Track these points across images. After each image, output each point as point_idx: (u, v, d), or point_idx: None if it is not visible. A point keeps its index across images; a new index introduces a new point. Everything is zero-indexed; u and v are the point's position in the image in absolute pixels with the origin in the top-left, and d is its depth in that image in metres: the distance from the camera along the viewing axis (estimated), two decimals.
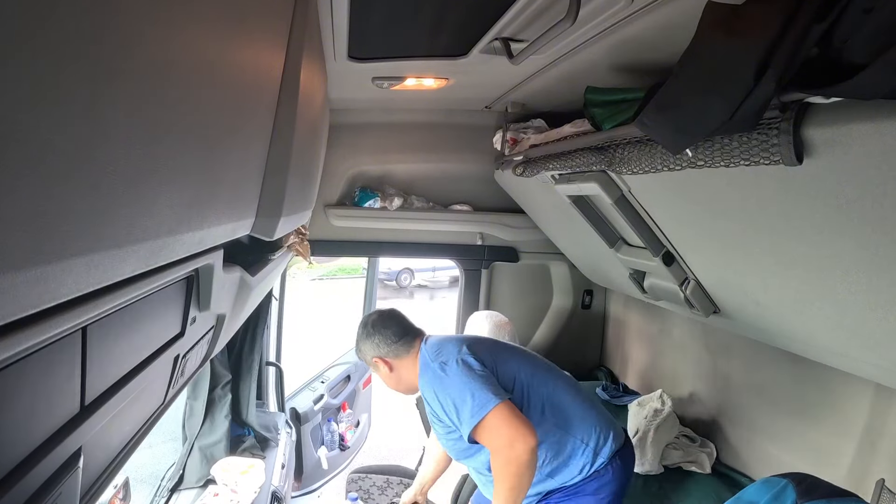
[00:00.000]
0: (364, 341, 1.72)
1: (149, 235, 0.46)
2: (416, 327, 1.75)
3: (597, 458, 1.60)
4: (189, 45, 0.45)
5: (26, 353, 0.42)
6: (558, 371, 1.75)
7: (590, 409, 1.65)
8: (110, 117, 0.35)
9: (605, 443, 1.61)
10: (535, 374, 1.62)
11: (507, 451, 1.39)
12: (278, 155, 0.91)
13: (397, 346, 1.68)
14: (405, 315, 1.79)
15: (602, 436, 1.61)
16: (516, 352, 1.73)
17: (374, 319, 1.74)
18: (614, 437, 1.63)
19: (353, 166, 2.55)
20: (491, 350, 1.64)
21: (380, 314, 1.76)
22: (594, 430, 1.61)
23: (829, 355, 1.26)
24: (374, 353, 1.70)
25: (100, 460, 0.73)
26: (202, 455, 2.01)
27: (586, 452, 1.59)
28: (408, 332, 1.71)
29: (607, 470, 1.60)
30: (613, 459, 1.61)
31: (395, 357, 1.68)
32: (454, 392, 1.49)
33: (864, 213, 0.81)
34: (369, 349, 1.71)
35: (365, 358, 1.76)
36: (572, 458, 1.59)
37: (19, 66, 0.26)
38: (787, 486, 1.15)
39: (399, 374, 1.70)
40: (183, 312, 0.83)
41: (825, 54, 0.71)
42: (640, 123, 0.95)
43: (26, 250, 0.30)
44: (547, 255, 2.79)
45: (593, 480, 1.60)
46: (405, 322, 1.75)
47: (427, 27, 1.37)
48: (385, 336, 1.69)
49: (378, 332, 1.70)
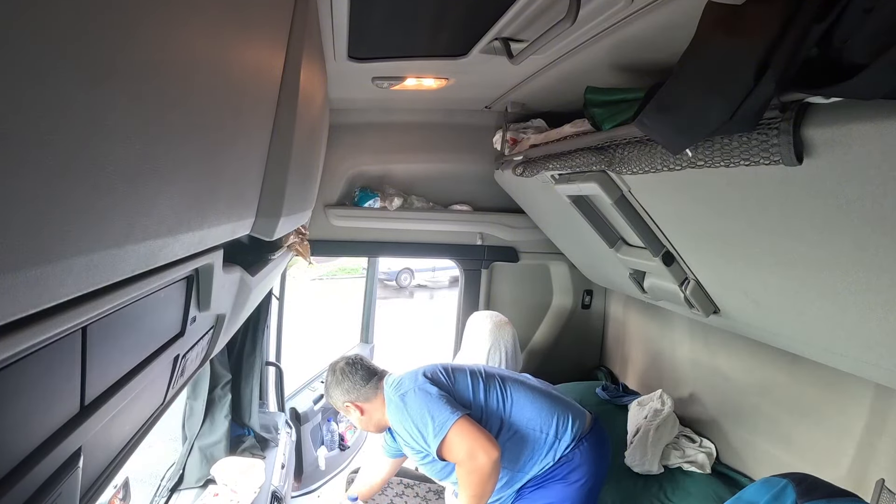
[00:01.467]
0: (335, 388, 1.80)
1: (149, 235, 0.46)
2: (379, 369, 1.84)
3: (560, 443, 1.66)
4: (189, 45, 0.45)
5: (26, 353, 0.42)
6: (512, 375, 1.86)
7: (545, 400, 1.73)
8: (110, 117, 0.35)
9: (566, 429, 1.68)
10: (489, 383, 1.73)
11: (470, 463, 1.48)
12: (278, 155, 0.91)
13: (366, 389, 1.76)
14: (369, 359, 1.89)
15: (560, 422, 1.68)
16: (468, 371, 1.79)
17: (341, 367, 1.82)
18: (574, 422, 1.70)
19: (353, 166, 2.55)
20: (446, 374, 1.73)
21: (346, 361, 1.84)
22: (551, 418, 1.68)
23: (829, 355, 1.26)
24: (345, 398, 1.78)
25: (100, 460, 0.73)
26: (202, 455, 2.01)
27: (547, 441, 1.66)
28: (373, 374, 1.80)
29: (574, 454, 1.66)
30: (580, 443, 1.68)
31: (364, 400, 1.76)
32: (416, 416, 1.58)
33: (864, 213, 0.81)
34: (340, 395, 1.79)
35: (336, 404, 1.83)
36: (535, 449, 1.66)
37: (19, 65, 0.26)
38: (786, 486, 1.15)
39: (370, 416, 1.77)
40: (183, 312, 0.83)
41: (825, 54, 0.71)
42: (640, 123, 0.95)
43: (26, 250, 0.30)
44: (547, 255, 2.79)
45: (562, 466, 1.66)
46: (370, 366, 1.84)
47: (427, 27, 1.37)
48: (354, 381, 1.77)
49: (347, 379, 1.78)
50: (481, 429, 1.54)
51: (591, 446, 1.70)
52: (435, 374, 1.70)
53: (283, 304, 2.86)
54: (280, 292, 2.79)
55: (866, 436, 1.54)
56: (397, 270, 11.27)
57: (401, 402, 1.64)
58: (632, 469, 2.09)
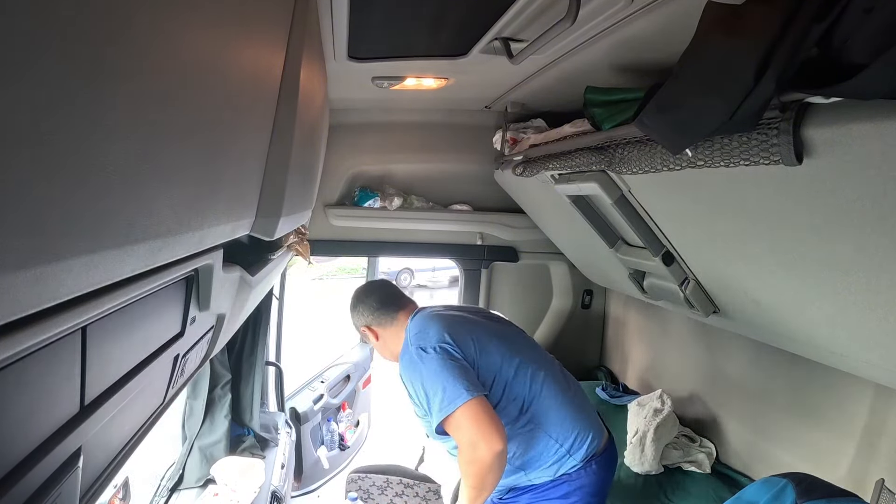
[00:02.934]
0: (352, 311, 1.79)
1: (149, 235, 0.46)
2: (402, 299, 1.76)
3: (568, 459, 1.54)
4: (189, 45, 0.45)
5: (26, 353, 0.41)
6: (550, 364, 1.68)
7: (574, 409, 1.59)
8: (110, 117, 0.35)
9: (581, 446, 1.55)
10: (520, 369, 1.56)
11: (471, 452, 1.38)
12: (278, 155, 0.91)
13: (379, 314, 1.71)
14: (395, 287, 1.82)
15: (579, 438, 1.55)
16: (504, 341, 1.63)
17: (360, 290, 1.81)
18: (592, 441, 1.57)
19: (353, 166, 2.54)
20: (476, 338, 1.57)
21: (368, 284, 1.84)
22: (572, 431, 1.55)
23: (828, 355, 1.26)
24: (360, 321, 1.76)
25: (99, 460, 0.73)
26: (202, 455, 2.01)
27: (558, 452, 1.54)
28: (390, 301, 1.73)
29: (579, 474, 1.54)
30: (588, 464, 1.55)
31: (378, 326, 1.71)
32: (427, 381, 1.46)
33: (864, 213, 0.81)
34: (356, 318, 1.77)
35: (356, 327, 1.80)
36: (543, 455, 1.54)
37: (19, 65, 0.26)
38: (786, 485, 1.15)
39: (385, 342, 1.72)
40: (183, 312, 0.83)
41: (825, 54, 0.71)
42: (640, 123, 0.95)
43: (26, 250, 0.30)
44: (547, 255, 2.79)
45: (563, 484, 1.55)
46: (389, 291, 1.78)
47: (427, 27, 1.37)
48: (367, 305, 1.73)
49: (361, 302, 1.75)
50: (492, 415, 1.40)
51: (598, 468, 1.57)
52: (462, 338, 1.54)
53: (282, 303, 2.86)
54: (280, 292, 2.79)
55: (866, 436, 1.54)
56: (397, 270, 11.27)
57: (416, 357, 1.50)
58: (631, 469, 2.10)
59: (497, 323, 1.78)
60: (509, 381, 1.55)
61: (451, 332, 1.55)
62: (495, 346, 1.59)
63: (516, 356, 1.59)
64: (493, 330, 1.67)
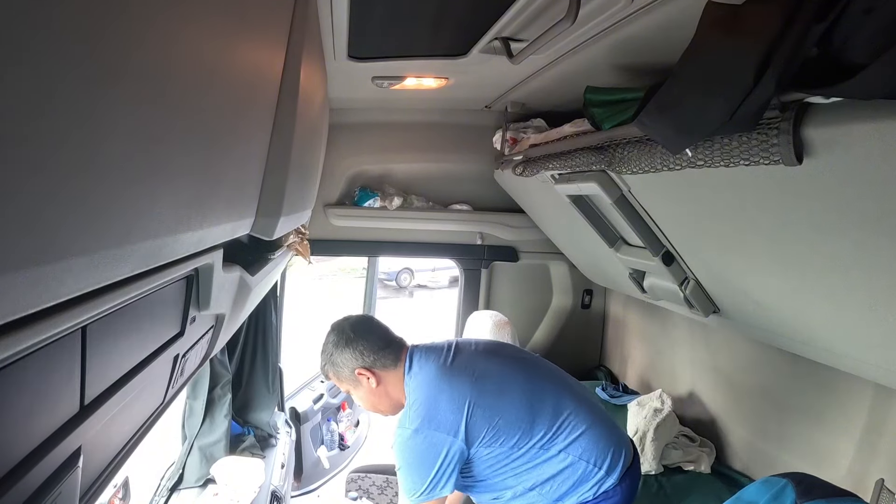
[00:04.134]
0: (342, 351, 1.45)
1: (149, 235, 0.46)
2: (397, 336, 1.54)
3: (607, 479, 1.47)
4: (189, 45, 0.45)
5: (26, 353, 0.42)
6: (568, 386, 1.57)
7: (601, 428, 1.50)
8: (110, 117, 0.35)
9: (617, 464, 1.48)
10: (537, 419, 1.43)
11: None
12: (278, 154, 0.91)
13: (384, 354, 1.45)
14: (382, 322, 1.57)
15: (615, 456, 1.48)
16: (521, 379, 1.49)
17: (352, 324, 1.49)
18: (626, 456, 1.51)
19: (352, 166, 2.54)
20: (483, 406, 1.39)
21: (359, 319, 1.52)
22: (607, 452, 1.47)
23: (828, 355, 1.26)
24: (356, 363, 1.45)
25: (99, 460, 0.73)
26: (202, 454, 2.01)
27: (597, 475, 1.45)
28: (391, 340, 1.50)
29: (616, 491, 1.47)
30: (623, 479, 1.48)
31: (382, 368, 1.45)
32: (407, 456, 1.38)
33: (864, 213, 0.81)
34: (349, 360, 1.45)
35: (340, 373, 1.48)
36: (582, 482, 1.45)
37: (19, 65, 0.26)
38: (786, 485, 1.15)
39: (386, 390, 1.47)
40: (183, 312, 0.83)
41: (825, 54, 0.71)
42: (640, 123, 0.95)
43: (26, 250, 0.30)
44: (547, 255, 2.79)
45: (601, 501, 1.47)
46: (386, 328, 1.54)
47: (427, 27, 1.37)
48: (370, 342, 1.44)
49: (361, 339, 1.45)
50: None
51: (631, 482, 1.51)
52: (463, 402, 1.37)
53: (282, 303, 2.86)
54: (280, 292, 2.79)
55: (866, 436, 1.54)
56: (397, 270, 11.26)
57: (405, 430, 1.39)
58: None
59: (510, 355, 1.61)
60: (534, 424, 1.43)
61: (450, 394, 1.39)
62: (514, 386, 1.48)
63: (536, 392, 1.48)
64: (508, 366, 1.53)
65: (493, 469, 1.44)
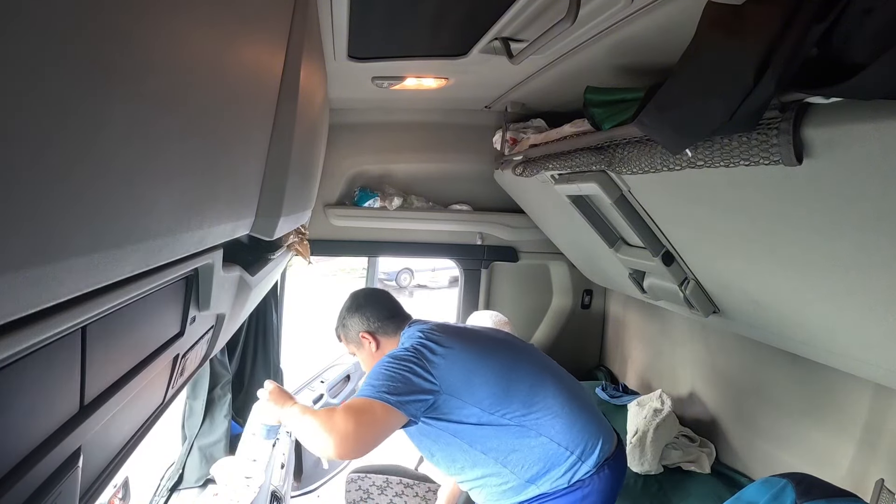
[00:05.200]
0: (352, 315, 1.64)
1: (148, 235, 0.46)
2: (405, 311, 1.70)
3: (581, 466, 1.50)
4: (188, 45, 0.45)
5: (26, 353, 0.42)
6: (554, 372, 1.63)
7: (583, 415, 1.55)
8: (109, 117, 0.35)
9: (593, 451, 1.51)
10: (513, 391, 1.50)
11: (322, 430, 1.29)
12: (278, 154, 0.91)
13: (387, 322, 1.62)
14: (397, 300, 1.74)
15: (590, 444, 1.51)
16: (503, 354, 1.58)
17: (365, 293, 1.70)
18: (603, 445, 1.53)
19: (352, 166, 2.54)
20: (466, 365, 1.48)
21: (372, 290, 1.74)
22: (582, 438, 1.51)
23: (828, 355, 1.26)
24: (362, 327, 1.62)
25: (99, 460, 0.73)
26: (202, 455, 2.01)
27: (570, 460, 1.49)
28: (398, 312, 1.67)
29: (592, 480, 1.50)
30: (601, 469, 1.51)
31: (383, 334, 1.62)
32: (378, 366, 1.44)
33: (863, 213, 0.81)
34: (357, 323, 1.63)
35: (348, 334, 1.66)
36: (553, 465, 1.49)
37: (19, 65, 0.26)
38: (786, 486, 1.15)
39: (382, 354, 1.57)
40: (182, 312, 0.83)
41: (825, 54, 0.71)
42: (640, 123, 0.95)
43: (26, 250, 0.30)
44: (546, 255, 2.79)
45: (576, 490, 1.49)
46: (396, 302, 1.71)
47: (427, 27, 1.37)
48: (377, 310, 1.63)
49: (370, 306, 1.64)
50: (375, 431, 1.33)
51: (611, 473, 1.53)
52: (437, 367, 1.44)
53: (282, 303, 2.86)
54: (280, 292, 2.79)
55: (866, 436, 1.54)
56: (397, 270, 11.26)
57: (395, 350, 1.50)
58: (631, 469, 2.09)
59: (497, 336, 1.71)
60: (509, 395, 1.49)
61: (445, 334, 1.51)
62: (494, 358, 1.55)
63: (515, 369, 1.55)
64: (493, 342, 1.63)
65: (467, 432, 1.47)
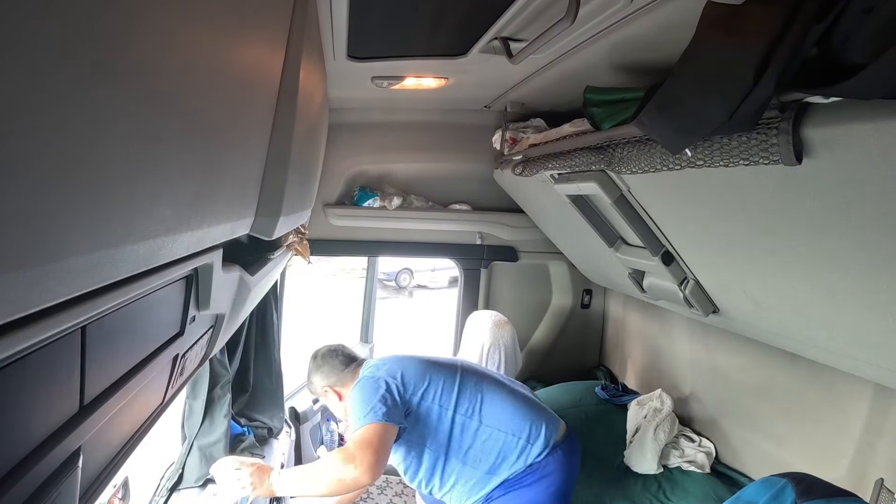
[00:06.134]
0: (315, 373, 1.86)
1: (148, 235, 0.46)
2: (360, 357, 1.88)
3: (531, 448, 1.68)
4: (188, 45, 0.45)
5: (26, 353, 0.41)
6: (491, 375, 1.88)
7: (520, 404, 1.75)
8: (109, 117, 0.35)
9: (539, 434, 1.69)
10: (460, 391, 1.73)
11: (344, 465, 1.47)
12: (278, 154, 0.91)
13: (344, 374, 1.81)
14: (350, 348, 1.94)
15: (533, 428, 1.70)
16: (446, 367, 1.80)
17: (322, 352, 1.89)
18: (546, 428, 1.71)
19: (352, 166, 2.54)
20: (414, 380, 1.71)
21: (328, 348, 1.91)
22: (525, 423, 1.70)
23: (828, 355, 1.26)
24: (323, 382, 1.83)
25: (99, 460, 0.73)
26: (201, 454, 2.01)
27: (519, 444, 1.68)
28: (352, 360, 1.85)
29: (547, 461, 1.68)
30: (553, 451, 1.69)
31: (342, 386, 1.81)
32: (357, 400, 1.62)
33: (863, 213, 0.81)
34: (319, 380, 1.84)
35: (315, 389, 1.88)
36: (506, 452, 1.68)
37: (18, 65, 0.26)
38: (786, 485, 1.15)
39: (348, 403, 1.75)
40: (182, 312, 0.83)
41: (825, 54, 0.71)
42: (640, 123, 0.95)
43: (26, 250, 0.30)
44: (546, 255, 2.79)
45: (533, 472, 1.67)
46: (350, 353, 1.90)
47: (426, 27, 1.37)
48: (333, 366, 1.83)
49: (327, 363, 1.84)
50: (385, 449, 1.53)
51: (564, 454, 1.72)
52: (405, 376, 1.69)
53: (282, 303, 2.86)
54: (280, 292, 2.79)
55: (866, 436, 1.54)
56: (397, 270, 11.26)
57: (356, 384, 1.69)
58: (631, 469, 2.10)
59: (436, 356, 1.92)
60: (458, 398, 1.71)
61: (390, 370, 1.71)
62: (439, 374, 1.76)
63: (459, 377, 1.77)
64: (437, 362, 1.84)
65: (433, 431, 1.68)
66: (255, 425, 2.37)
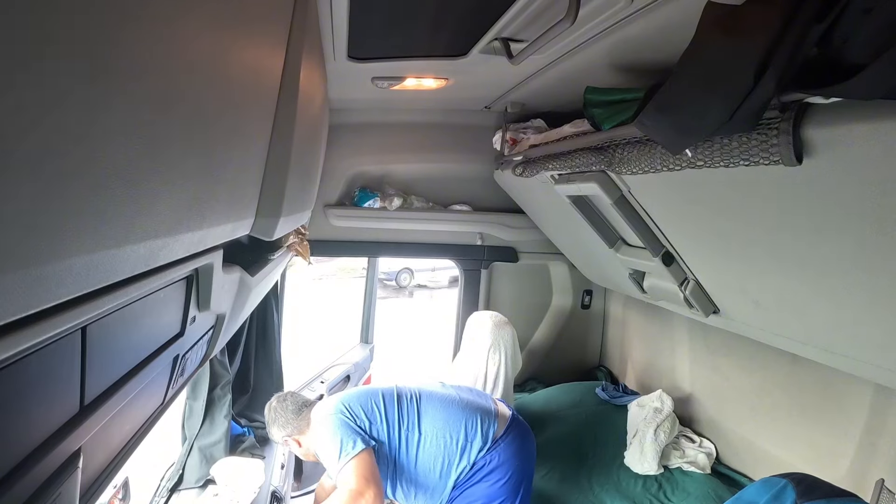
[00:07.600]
0: (271, 426, 1.87)
1: (148, 235, 0.46)
2: (311, 400, 1.90)
3: (471, 447, 1.72)
4: (189, 45, 0.45)
5: (26, 353, 0.41)
6: (426, 388, 1.91)
7: (453, 407, 1.80)
8: (110, 118, 0.35)
9: (475, 432, 1.74)
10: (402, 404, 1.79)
11: (357, 498, 1.49)
12: (278, 155, 0.91)
13: (298, 421, 1.82)
14: (299, 393, 1.99)
15: (469, 426, 1.75)
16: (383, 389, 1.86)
17: (273, 406, 1.90)
18: (484, 424, 1.76)
19: (352, 166, 2.55)
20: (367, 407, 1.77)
21: (277, 399, 1.92)
22: (459, 424, 1.75)
23: (828, 355, 1.26)
24: (282, 433, 1.84)
25: (99, 460, 0.73)
26: (202, 455, 2.01)
27: (459, 445, 1.72)
28: (304, 405, 1.87)
29: (491, 455, 1.72)
30: (495, 445, 1.73)
31: (299, 433, 1.82)
32: (328, 439, 1.64)
33: (863, 213, 0.81)
34: (277, 432, 1.85)
35: (277, 440, 1.89)
36: (449, 455, 1.72)
37: (19, 66, 0.26)
38: (786, 486, 1.15)
39: (308, 447, 1.80)
40: (182, 312, 0.83)
41: (825, 54, 0.71)
42: (640, 124, 0.95)
43: (26, 250, 0.30)
44: (546, 255, 2.79)
45: (480, 469, 1.71)
46: (300, 398, 1.92)
47: (427, 27, 1.37)
48: (286, 416, 1.84)
49: (280, 415, 1.85)
50: (377, 470, 1.58)
51: (508, 445, 1.75)
52: (353, 407, 1.74)
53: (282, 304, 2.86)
54: (280, 292, 2.79)
55: (866, 436, 1.54)
56: (397, 270, 11.26)
57: (319, 425, 1.71)
58: (631, 469, 2.09)
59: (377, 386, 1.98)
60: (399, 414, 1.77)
61: (343, 401, 1.76)
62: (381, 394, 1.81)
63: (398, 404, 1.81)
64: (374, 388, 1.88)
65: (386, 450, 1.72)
66: (256, 426, 2.36)
